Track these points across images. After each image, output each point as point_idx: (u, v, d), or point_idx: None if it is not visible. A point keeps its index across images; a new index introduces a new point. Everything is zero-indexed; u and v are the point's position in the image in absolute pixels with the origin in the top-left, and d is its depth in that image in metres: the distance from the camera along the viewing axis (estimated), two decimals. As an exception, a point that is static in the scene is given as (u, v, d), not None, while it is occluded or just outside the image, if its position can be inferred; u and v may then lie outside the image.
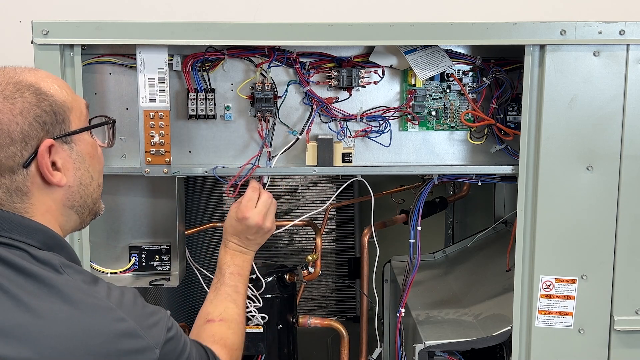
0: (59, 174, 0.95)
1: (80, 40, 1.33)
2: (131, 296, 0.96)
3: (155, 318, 0.96)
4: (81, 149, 0.99)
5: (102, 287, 0.94)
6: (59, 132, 0.95)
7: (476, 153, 1.50)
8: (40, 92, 0.94)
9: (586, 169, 1.37)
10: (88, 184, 1.01)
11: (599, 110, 1.36)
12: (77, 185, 0.99)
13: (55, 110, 0.94)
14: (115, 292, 0.94)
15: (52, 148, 0.94)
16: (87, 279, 0.93)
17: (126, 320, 0.90)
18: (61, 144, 0.96)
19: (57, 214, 0.98)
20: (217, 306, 1.29)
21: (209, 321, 1.26)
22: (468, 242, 2.00)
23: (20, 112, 0.91)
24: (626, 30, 1.33)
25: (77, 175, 0.98)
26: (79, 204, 1.00)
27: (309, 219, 1.66)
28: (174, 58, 1.41)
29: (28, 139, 0.91)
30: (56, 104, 0.95)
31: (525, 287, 1.42)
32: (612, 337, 1.41)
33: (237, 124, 1.47)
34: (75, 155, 0.98)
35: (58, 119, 0.95)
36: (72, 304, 0.88)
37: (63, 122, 0.95)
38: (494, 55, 1.46)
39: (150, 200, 1.52)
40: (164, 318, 0.98)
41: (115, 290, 0.95)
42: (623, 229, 1.38)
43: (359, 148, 1.48)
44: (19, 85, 0.93)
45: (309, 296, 2.19)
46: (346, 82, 1.42)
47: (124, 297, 0.95)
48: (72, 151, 0.97)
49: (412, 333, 1.62)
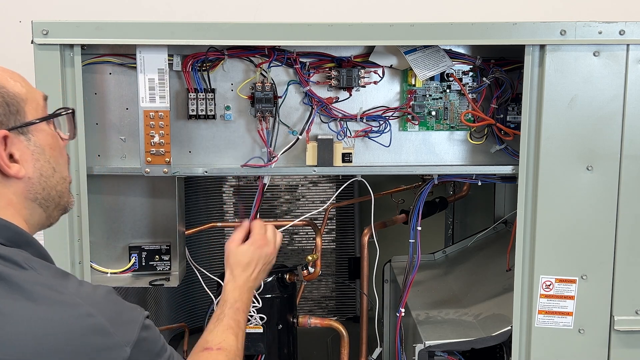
0: (16, 166, 0.93)
1: (80, 40, 1.33)
2: (103, 292, 0.93)
3: (128, 315, 0.93)
4: (39, 139, 0.96)
5: (72, 281, 0.91)
6: (14, 123, 0.93)
7: (476, 153, 1.50)
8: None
9: (586, 169, 1.37)
10: (50, 175, 0.98)
11: (599, 110, 1.36)
12: (38, 176, 0.96)
13: (8, 102, 0.92)
14: (86, 287, 0.91)
15: (8, 139, 0.91)
16: (56, 274, 0.90)
17: (94, 316, 0.87)
18: (17, 135, 0.93)
19: (19, 207, 0.95)
20: (217, 336, 1.25)
21: (206, 349, 1.21)
22: (468, 242, 2.00)
23: None
24: (626, 30, 1.33)
25: (37, 166, 0.96)
26: (41, 196, 0.97)
27: (309, 219, 1.66)
28: (174, 58, 1.41)
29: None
30: (8, 95, 0.93)
31: (525, 287, 1.42)
32: (612, 337, 1.41)
33: (237, 124, 1.47)
34: (34, 146, 0.95)
35: (11, 109, 0.92)
36: (34, 301, 0.85)
37: (17, 113, 0.93)
38: (494, 55, 1.46)
39: (150, 200, 1.52)
40: (139, 317, 0.94)
41: (87, 286, 0.92)
42: (623, 229, 1.38)
43: (359, 148, 1.48)
44: None
45: (309, 296, 2.19)
46: (346, 82, 1.42)
47: (96, 292, 0.92)
48: (29, 142, 0.95)
49: (412, 333, 1.62)
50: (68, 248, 1.37)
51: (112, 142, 1.45)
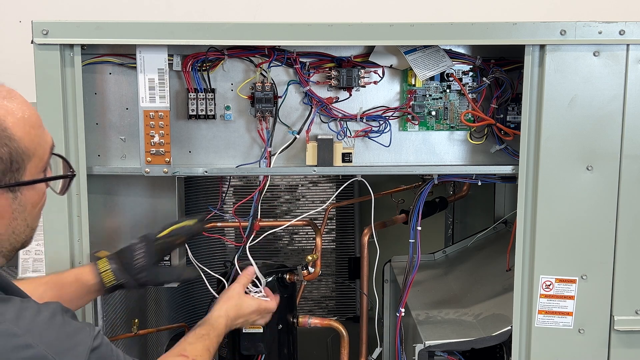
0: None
1: (80, 40, 1.33)
2: (47, 315, 0.86)
3: (74, 340, 0.87)
4: (26, 198, 0.90)
5: (11, 308, 0.84)
6: (8, 181, 0.86)
7: (476, 153, 1.50)
8: (5, 134, 0.85)
9: (586, 169, 1.37)
10: (21, 232, 0.91)
11: (599, 110, 1.36)
12: (9, 234, 0.90)
13: (14, 159, 0.86)
14: (27, 313, 0.85)
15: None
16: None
17: (32, 347, 0.82)
18: (5, 192, 0.86)
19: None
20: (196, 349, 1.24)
21: (183, 355, 1.20)
22: (468, 242, 2.00)
23: None
24: (626, 30, 1.33)
25: (12, 225, 0.89)
26: (7, 250, 0.91)
27: (309, 219, 1.66)
28: (174, 58, 1.41)
29: None
30: (17, 152, 0.86)
31: (525, 287, 1.42)
32: (612, 337, 1.41)
33: (237, 124, 1.47)
34: (17, 204, 0.89)
35: (13, 167, 0.86)
36: None
37: (17, 171, 0.87)
38: (494, 55, 1.46)
39: (150, 200, 1.52)
40: (86, 339, 0.89)
41: (28, 310, 0.85)
42: (623, 229, 1.38)
43: (359, 148, 1.48)
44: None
45: (309, 296, 2.19)
46: (346, 82, 1.42)
47: (38, 317, 0.85)
48: (14, 200, 0.88)
49: (412, 333, 1.62)
50: (68, 248, 1.38)
51: (112, 142, 1.45)
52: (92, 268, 1.29)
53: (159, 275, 1.34)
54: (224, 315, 1.39)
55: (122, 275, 1.28)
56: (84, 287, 1.27)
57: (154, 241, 1.34)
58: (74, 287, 1.26)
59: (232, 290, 1.46)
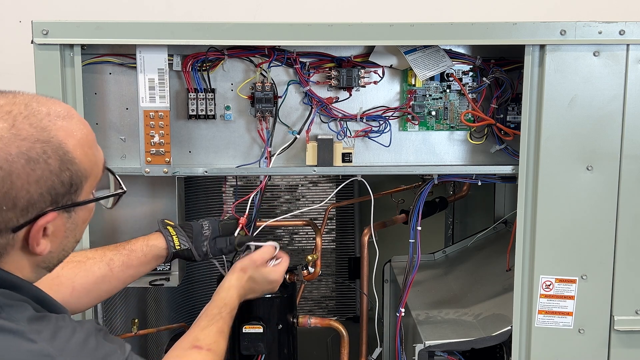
0: (43, 243, 0.87)
1: (80, 40, 1.33)
2: (82, 336, 0.86)
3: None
4: (79, 216, 0.91)
5: (48, 326, 0.84)
6: (66, 202, 0.87)
7: (476, 153, 1.50)
8: (67, 158, 0.85)
9: (586, 169, 1.37)
10: (69, 248, 0.93)
11: (599, 110, 1.36)
12: (59, 251, 0.91)
13: (74, 182, 0.86)
14: (62, 333, 0.85)
15: (52, 220, 0.86)
16: (31, 319, 0.83)
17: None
18: (62, 213, 0.87)
19: (27, 272, 0.89)
20: (209, 336, 1.21)
21: (196, 347, 1.18)
22: (468, 242, 2.00)
23: (37, 180, 0.82)
24: (626, 30, 1.33)
25: (63, 243, 0.90)
26: (54, 265, 0.93)
27: (309, 219, 1.66)
28: (174, 58, 1.41)
29: (32, 207, 0.83)
30: (77, 174, 0.87)
31: (525, 287, 1.42)
32: (612, 337, 1.41)
33: (237, 124, 1.47)
34: (71, 223, 0.89)
35: (72, 190, 0.87)
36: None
37: (75, 193, 0.87)
38: (494, 55, 1.46)
39: (150, 200, 1.52)
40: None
41: (63, 330, 0.85)
42: (623, 229, 1.38)
43: (359, 148, 1.48)
44: (47, 147, 0.83)
45: (309, 296, 2.19)
46: (346, 82, 1.42)
47: (72, 338, 0.85)
48: (69, 219, 0.89)
49: (412, 333, 1.62)
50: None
51: (112, 142, 1.45)
52: (159, 234, 1.36)
53: (216, 243, 1.41)
54: (235, 285, 1.35)
55: (188, 243, 1.37)
56: (153, 252, 1.33)
57: (218, 221, 1.44)
58: (144, 251, 1.33)
59: (248, 259, 1.40)
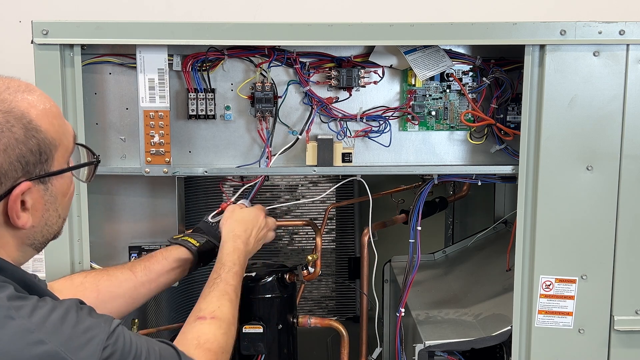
0: (25, 216, 0.88)
1: (80, 40, 1.33)
2: (61, 312, 0.86)
3: (87, 335, 0.86)
4: (56, 188, 0.91)
5: (27, 304, 0.84)
6: (39, 173, 0.88)
7: (476, 153, 1.50)
8: (31, 126, 0.86)
9: (586, 169, 1.37)
10: (53, 223, 0.93)
11: (599, 110, 1.36)
12: (42, 225, 0.91)
13: (42, 150, 0.87)
14: (42, 310, 0.85)
15: (27, 189, 0.87)
16: (11, 296, 0.84)
17: (45, 343, 0.82)
18: (37, 184, 0.88)
19: (12, 249, 0.90)
20: (211, 303, 1.20)
21: (199, 318, 1.16)
22: (468, 242, 2.00)
23: (5, 149, 0.84)
24: (626, 30, 1.33)
25: (45, 216, 0.91)
26: (39, 242, 0.93)
27: (309, 219, 1.66)
28: (174, 58, 1.41)
29: (4, 178, 0.84)
30: (44, 143, 0.88)
31: (525, 287, 1.42)
32: (612, 337, 1.41)
33: (237, 124, 1.47)
34: (49, 195, 0.90)
35: (42, 158, 0.88)
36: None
37: (46, 162, 0.88)
38: (494, 55, 1.46)
39: (150, 200, 1.52)
40: (101, 334, 0.88)
41: (43, 308, 0.85)
42: (623, 229, 1.38)
43: (359, 148, 1.48)
44: (10, 116, 0.85)
45: (309, 296, 2.19)
46: (346, 82, 1.42)
47: (51, 314, 0.85)
48: (46, 192, 0.90)
49: (412, 333, 1.62)
50: (68, 248, 1.38)
51: (112, 142, 1.45)
52: (174, 245, 1.39)
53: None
54: (227, 239, 1.36)
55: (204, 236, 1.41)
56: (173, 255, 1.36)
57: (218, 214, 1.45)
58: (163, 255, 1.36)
59: (224, 216, 1.43)
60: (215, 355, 1.10)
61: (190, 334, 1.13)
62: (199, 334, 1.13)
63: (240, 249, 1.34)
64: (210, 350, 1.10)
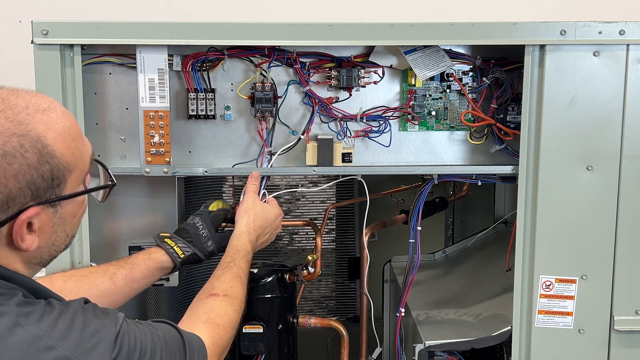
0: (30, 239, 0.86)
1: (80, 40, 1.33)
2: (69, 316, 0.86)
3: (96, 338, 0.86)
4: (67, 210, 0.89)
5: (36, 309, 0.84)
6: (49, 197, 0.85)
7: (476, 153, 1.50)
8: (46, 151, 0.83)
9: (586, 169, 1.37)
10: (60, 243, 0.91)
11: (599, 110, 1.36)
12: (49, 246, 0.90)
13: (55, 176, 0.85)
14: (50, 316, 0.84)
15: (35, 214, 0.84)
16: (20, 303, 0.83)
17: (55, 348, 0.82)
18: (46, 208, 0.86)
19: (19, 267, 0.88)
20: (225, 282, 1.23)
21: (212, 295, 1.20)
22: (468, 242, 2.00)
23: (15, 175, 0.81)
24: (626, 30, 1.33)
25: (52, 238, 0.89)
26: (46, 260, 0.92)
27: (309, 219, 1.66)
28: (174, 58, 1.41)
29: (11, 203, 0.82)
30: (58, 168, 0.85)
31: (525, 287, 1.42)
32: (612, 337, 1.41)
33: (237, 124, 1.47)
34: (58, 218, 0.88)
35: (54, 184, 0.85)
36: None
37: (58, 187, 0.86)
38: (494, 55, 1.46)
39: (150, 200, 1.52)
40: (109, 334, 0.88)
41: (51, 313, 0.85)
42: (623, 229, 1.38)
43: (359, 148, 1.48)
44: (24, 140, 0.82)
45: (309, 296, 2.19)
46: (346, 82, 1.42)
47: (60, 318, 0.85)
48: (55, 214, 0.87)
49: (412, 333, 1.62)
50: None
51: (112, 142, 1.45)
52: (159, 248, 1.36)
53: (221, 240, 1.40)
54: (245, 231, 1.38)
55: (190, 248, 1.37)
56: (155, 264, 1.34)
57: (207, 214, 1.43)
58: (146, 264, 1.33)
59: (246, 202, 1.42)
60: (224, 330, 1.13)
61: (201, 309, 1.17)
62: (211, 309, 1.17)
63: (253, 242, 1.38)
64: (219, 325, 1.13)
